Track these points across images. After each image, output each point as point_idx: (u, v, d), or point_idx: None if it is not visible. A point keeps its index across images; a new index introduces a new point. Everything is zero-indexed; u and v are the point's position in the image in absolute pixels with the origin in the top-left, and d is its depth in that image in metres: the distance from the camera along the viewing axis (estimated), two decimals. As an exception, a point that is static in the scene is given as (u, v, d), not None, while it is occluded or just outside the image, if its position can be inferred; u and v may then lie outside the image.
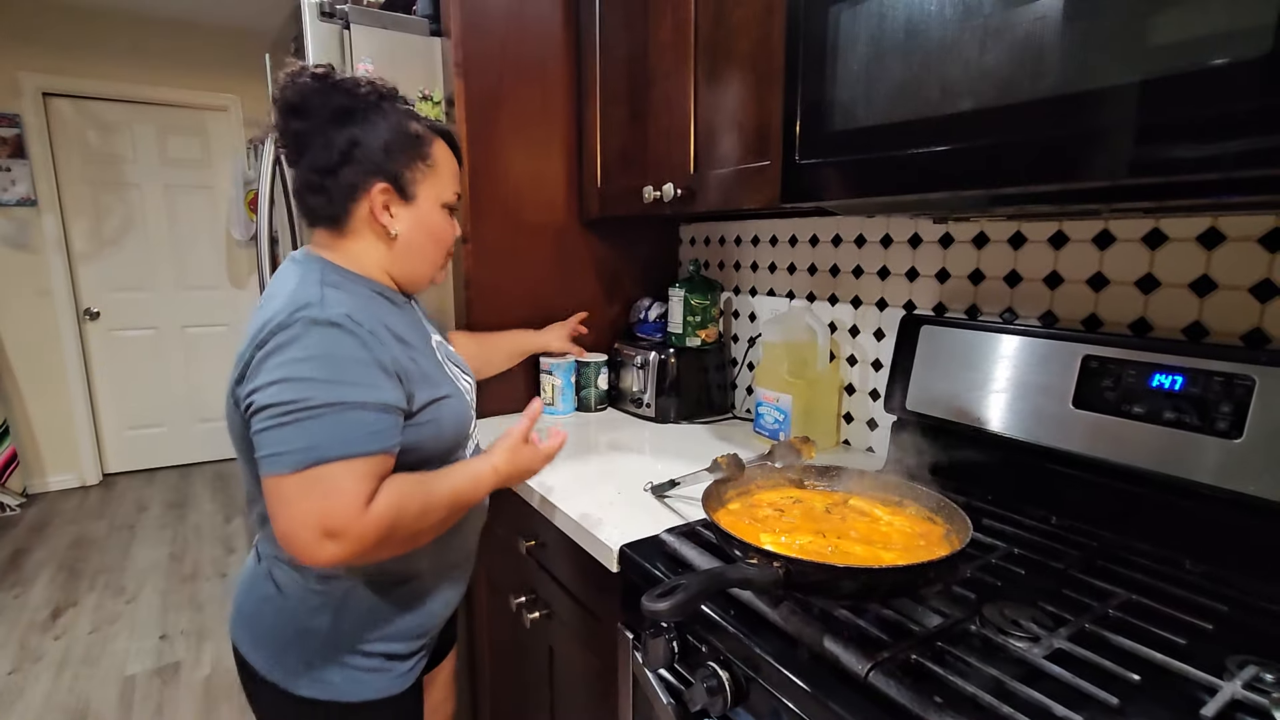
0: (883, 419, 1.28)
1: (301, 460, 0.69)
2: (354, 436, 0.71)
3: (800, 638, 0.68)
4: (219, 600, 2.54)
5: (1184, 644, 0.64)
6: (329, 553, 0.70)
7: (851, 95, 0.83)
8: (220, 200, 3.90)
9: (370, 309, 0.81)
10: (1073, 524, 0.89)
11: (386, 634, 0.88)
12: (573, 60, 1.56)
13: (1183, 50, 0.55)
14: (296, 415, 0.70)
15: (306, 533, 0.69)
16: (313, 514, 0.69)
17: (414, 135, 0.86)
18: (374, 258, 0.87)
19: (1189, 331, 0.86)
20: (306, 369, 0.71)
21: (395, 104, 0.86)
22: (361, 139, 0.82)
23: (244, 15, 3.57)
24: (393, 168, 0.84)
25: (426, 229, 0.88)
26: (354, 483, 0.71)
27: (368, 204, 0.83)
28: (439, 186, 0.88)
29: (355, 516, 0.70)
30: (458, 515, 0.86)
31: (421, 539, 0.81)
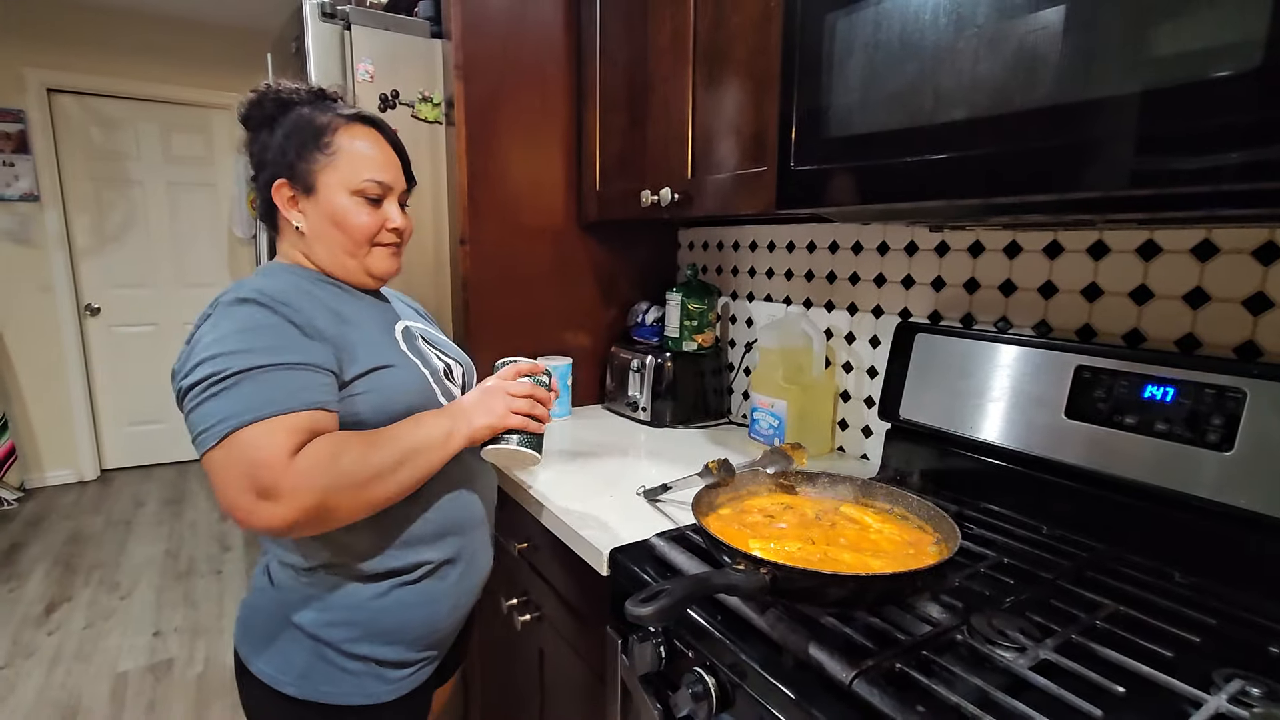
0: (877, 426, 1.28)
1: (222, 430, 0.70)
2: (271, 397, 0.71)
3: (786, 644, 0.68)
4: (214, 598, 2.53)
5: (1170, 656, 0.64)
6: (270, 512, 0.69)
7: (847, 102, 0.83)
8: (222, 198, 3.91)
9: (302, 288, 0.83)
10: (1064, 534, 0.89)
11: (372, 635, 0.85)
12: (573, 64, 1.56)
13: (1177, 63, 0.55)
14: (213, 389, 0.71)
15: (241, 497, 0.69)
16: (241, 477, 0.69)
17: (314, 127, 0.86)
18: (295, 249, 0.90)
19: (1182, 343, 0.86)
20: (221, 345, 0.73)
21: (307, 101, 0.89)
22: (268, 141, 0.87)
23: (248, 14, 3.59)
24: (289, 162, 0.86)
25: (329, 216, 0.86)
26: (275, 439, 0.70)
27: (276, 201, 0.87)
28: (342, 173, 0.86)
29: (281, 470, 0.69)
30: (418, 466, 0.80)
31: (377, 490, 0.76)
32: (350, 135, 0.87)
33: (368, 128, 0.89)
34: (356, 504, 0.76)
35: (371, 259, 0.90)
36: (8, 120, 3.35)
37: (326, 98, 0.91)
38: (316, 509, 0.71)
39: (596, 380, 1.72)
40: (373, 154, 0.88)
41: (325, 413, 0.76)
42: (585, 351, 1.69)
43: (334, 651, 0.84)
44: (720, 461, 0.99)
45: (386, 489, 0.78)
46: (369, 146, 0.88)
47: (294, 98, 0.89)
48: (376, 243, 0.89)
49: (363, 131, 0.89)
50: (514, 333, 1.59)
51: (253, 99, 0.88)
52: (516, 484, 1.17)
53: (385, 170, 0.89)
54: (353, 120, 0.88)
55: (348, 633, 0.84)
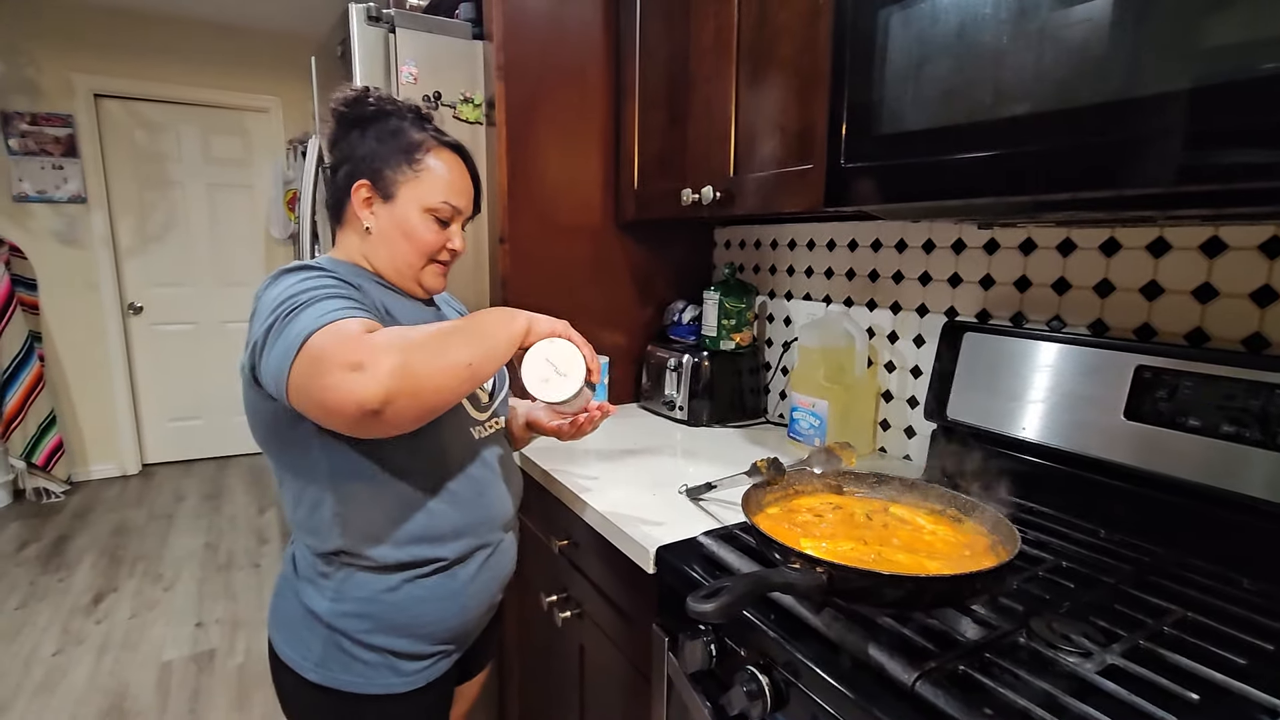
0: (920, 426, 1.27)
1: (293, 346, 0.70)
2: (332, 311, 0.72)
3: (843, 644, 0.68)
4: (253, 590, 2.59)
5: (1244, 664, 0.62)
6: (361, 383, 0.67)
7: (899, 99, 0.82)
8: (259, 199, 4.00)
9: (357, 277, 0.86)
10: (1123, 538, 0.87)
11: (384, 628, 0.87)
12: (612, 64, 1.57)
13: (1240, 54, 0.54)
14: (277, 327, 0.72)
15: (334, 378, 0.67)
16: (325, 362, 0.68)
17: (409, 141, 0.90)
18: (357, 247, 0.92)
19: (1249, 342, 0.83)
20: (280, 297, 0.75)
21: (406, 115, 0.93)
22: (358, 143, 0.91)
23: (286, 19, 3.66)
24: (376, 167, 0.90)
25: (399, 226, 0.90)
26: (346, 326, 0.71)
27: (353, 199, 0.90)
28: (422, 191, 0.90)
29: (359, 341, 0.69)
30: (485, 338, 0.79)
31: (454, 354, 0.74)
32: (438, 158, 0.91)
33: (454, 155, 0.94)
34: (437, 369, 0.73)
35: (425, 274, 0.94)
36: (57, 125, 3.46)
37: (423, 117, 0.96)
38: (401, 374, 0.69)
39: (632, 379, 1.73)
40: (453, 179, 0.92)
41: None
42: (621, 350, 1.69)
43: (348, 641, 0.87)
44: (770, 460, 0.99)
45: (461, 354, 0.75)
46: (451, 171, 0.92)
47: (393, 109, 0.93)
48: (434, 259, 0.94)
49: (449, 157, 0.93)
50: (551, 331, 1.60)
51: (353, 97, 0.92)
52: (558, 481, 1.18)
53: (460, 196, 0.93)
54: (444, 145, 0.93)
55: (360, 624, 0.87)
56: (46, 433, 3.46)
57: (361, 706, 0.88)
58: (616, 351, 1.68)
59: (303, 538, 0.89)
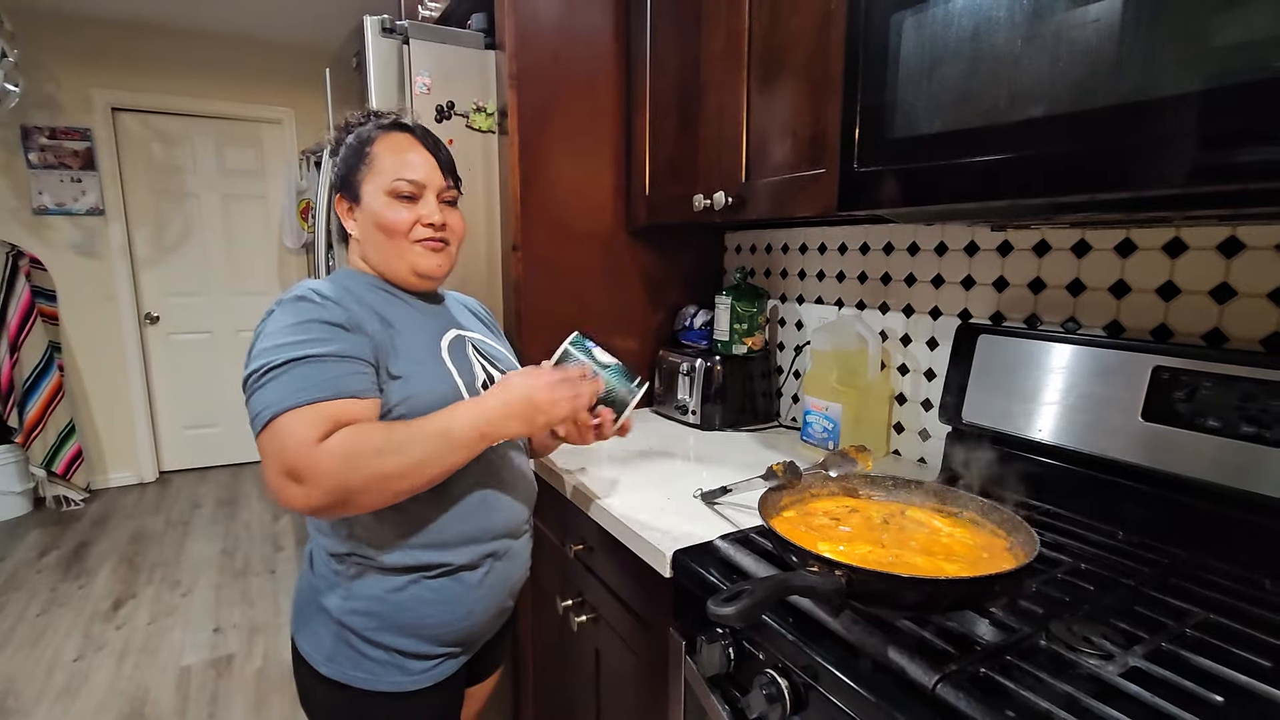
0: (935, 429, 1.26)
1: (265, 416, 0.77)
2: (304, 387, 0.77)
3: (863, 647, 0.68)
4: (269, 596, 2.61)
5: (1269, 666, 0.62)
6: (298, 494, 0.75)
7: (912, 102, 0.83)
8: (273, 209, 4.05)
9: (355, 291, 0.90)
10: (1142, 540, 0.86)
11: (391, 627, 0.89)
12: (622, 71, 1.58)
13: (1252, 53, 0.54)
14: (263, 379, 0.78)
15: (275, 478, 0.76)
16: (275, 460, 0.76)
17: (358, 141, 0.94)
18: (357, 253, 0.98)
19: (1267, 342, 0.83)
20: (272, 339, 0.81)
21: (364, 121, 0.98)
22: (334, 169, 0.98)
23: (299, 31, 3.71)
24: (342, 177, 0.95)
25: (372, 219, 0.93)
26: (304, 427, 0.76)
27: (339, 214, 0.97)
28: (376, 178, 0.92)
29: (305, 456, 0.74)
30: (443, 455, 0.81)
31: (400, 483, 0.78)
32: (385, 142, 0.94)
33: (401, 133, 0.95)
34: (379, 492, 0.78)
35: (413, 256, 0.93)
36: (75, 138, 3.52)
37: (378, 115, 0.99)
38: (337, 492, 0.76)
39: (645, 384, 1.73)
40: (403, 155, 0.93)
41: (358, 401, 0.80)
42: (633, 355, 1.70)
43: (356, 638, 0.89)
44: (786, 464, 0.99)
45: (410, 481, 0.80)
46: (400, 149, 0.94)
47: (356, 123, 0.99)
48: (414, 239, 0.93)
49: (397, 137, 0.94)
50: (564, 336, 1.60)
51: (335, 134, 1.02)
52: (572, 485, 1.18)
53: (416, 169, 0.93)
54: (388, 129, 0.95)
55: (368, 622, 0.89)
56: (66, 441, 3.50)
57: (371, 702, 0.90)
58: (629, 356, 1.68)
59: (317, 537, 0.93)
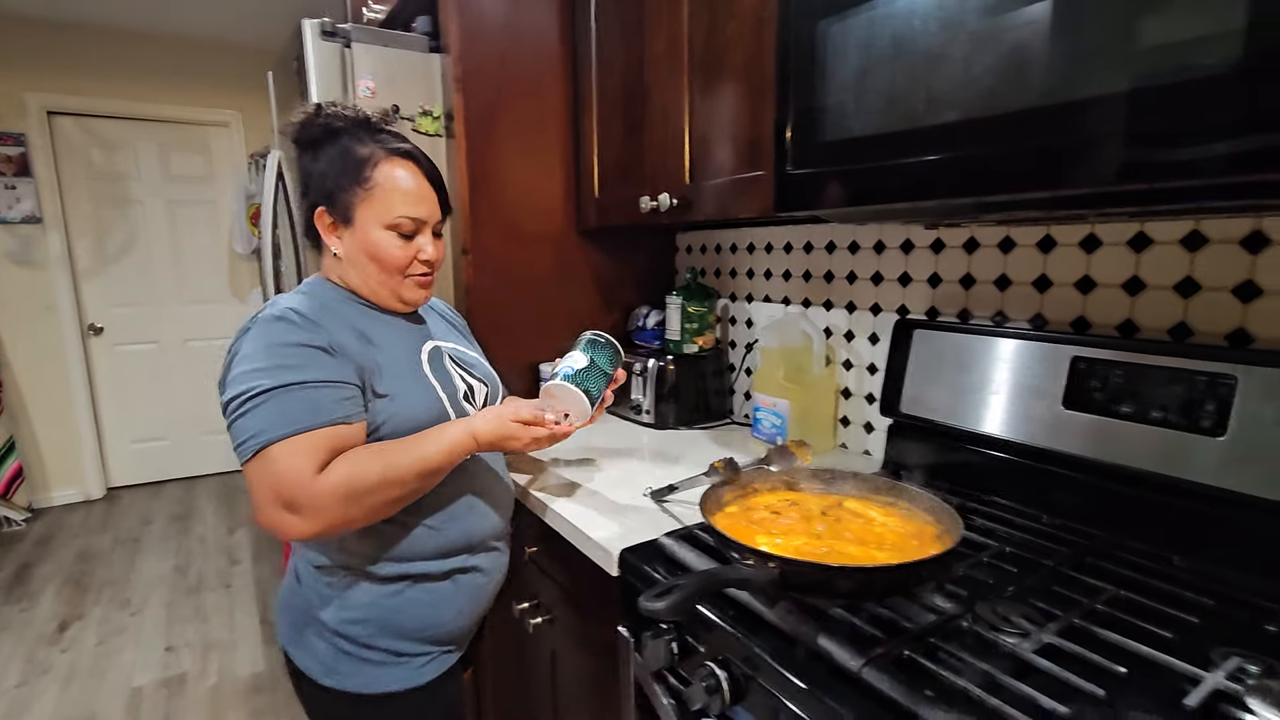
0: (879, 422, 1.30)
1: (254, 445, 0.77)
2: (296, 415, 0.78)
3: (796, 636, 0.70)
4: (224, 611, 2.55)
5: (1170, 637, 0.66)
6: (294, 523, 0.77)
7: (841, 106, 0.85)
8: (222, 215, 3.94)
9: (332, 308, 0.89)
10: (1064, 523, 0.91)
11: (386, 630, 0.91)
12: (569, 73, 1.58)
13: (1162, 59, 0.57)
14: (247, 405, 0.78)
15: (269, 508, 0.77)
16: (269, 490, 0.76)
17: (355, 159, 0.89)
18: (335, 268, 0.95)
19: (1174, 332, 0.88)
20: (253, 361, 0.79)
21: (353, 130, 0.92)
22: (312, 167, 0.92)
23: (244, 31, 3.62)
24: (329, 191, 0.90)
25: (364, 248, 0.90)
26: (300, 457, 0.77)
27: (318, 226, 0.92)
28: (377, 208, 0.89)
29: (305, 486, 0.76)
30: (430, 479, 0.87)
31: (394, 503, 0.84)
32: (388, 170, 0.90)
33: (406, 161, 0.92)
34: (374, 514, 0.84)
35: (403, 289, 0.94)
36: (9, 144, 3.38)
37: (372, 127, 0.94)
38: (337, 522, 0.79)
39: (600, 385, 1.74)
40: (408, 189, 0.91)
41: (347, 426, 0.82)
42: (588, 357, 1.71)
43: (353, 644, 0.90)
44: (725, 461, 1.01)
45: (404, 504, 0.86)
46: (405, 181, 0.91)
47: (341, 125, 0.92)
48: (408, 274, 0.93)
49: (401, 166, 0.91)
50: (516, 339, 1.61)
51: (302, 120, 0.92)
52: (526, 488, 1.19)
53: (419, 205, 0.92)
54: (392, 154, 0.91)
55: (365, 628, 0.90)
56: (5, 459, 3.36)
57: (377, 705, 0.92)
58: (584, 358, 1.69)
59: (303, 552, 0.94)
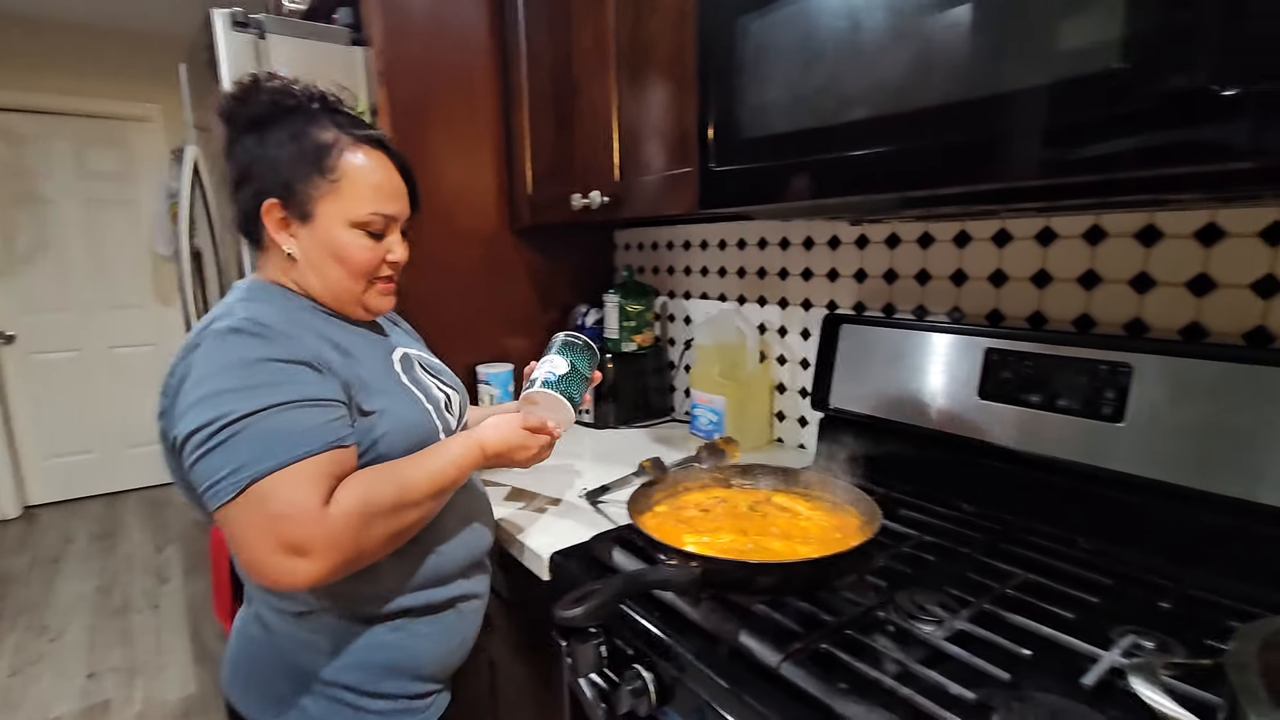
0: (813, 416, 1.32)
1: (237, 482, 0.63)
2: (286, 440, 0.65)
3: (719, 635, 0.70)
4: (151, 633, 2.42)
5: (1073, 618, 0.68)
6: (304, 571, 0.63)
7: (761, 103, 0.85)
8: (144, 215, 3.74)
9: (294, 316, 0.77)
10: (982, 510, 0.93)
11: (391, 672, 0.80)
12: (499, 68, 1.55)
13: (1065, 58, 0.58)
14: (218, 437, 0.64)
15: (270, 557, 0.63)
16: (267, 534, 0.63)
17: (317, 146, 0.77)
18: (283, 273, 0.81)
19: (1078, 323, 0.91)
20: (218, 382, 0.66)
21: (309, 109, 0.80)
22: (257, 152, 0.78)
23: (156, 21, 3.43)
24: (285, 181, 0.77)
25: (326, 249, 0.78)
26: (301, 489, 0.64)
27: (265, 222, 0.79)
28: (344, 203, 0.77)
29: (315, 523, 0.64)
30: (442, 499, 0.79)
31: (406, 534, 0.75)
32: (356, 160, 0.78)
33: (376, 150, 0.81)
34: (387, 545, 0.73)
35: (369, 296, 0.83)
36: (-102, 139, 3.13)
37: (331, 107, 0.81)
38: (351, 558, 0.67)
39: (540, 385, 1.72)
40: (380, 182, 0.80)
41: (344, 449, 0.70)
42: (526, 356, 1.67)
43: (353, 694, 0.79)
44: (653, 460, 1.01)
45: (416, 524, 0.76)
46: (376, 174, 0.80)
47: (294, 103, 0.79)
48: (375, 277, 0.82)
49: (371, 155, 0.80)
50: (451, 340, 1.56)
51: (235, 94, 0.78)
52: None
53: (392, 201, 0.81)
54: (360, 141, 0.79)
55: (365, 674, 0.79)
56: (-97, 480, 3.11)
57: None
58: (521, 358, 1.66)
59: (270, 598, 0.79)
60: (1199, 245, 0.80)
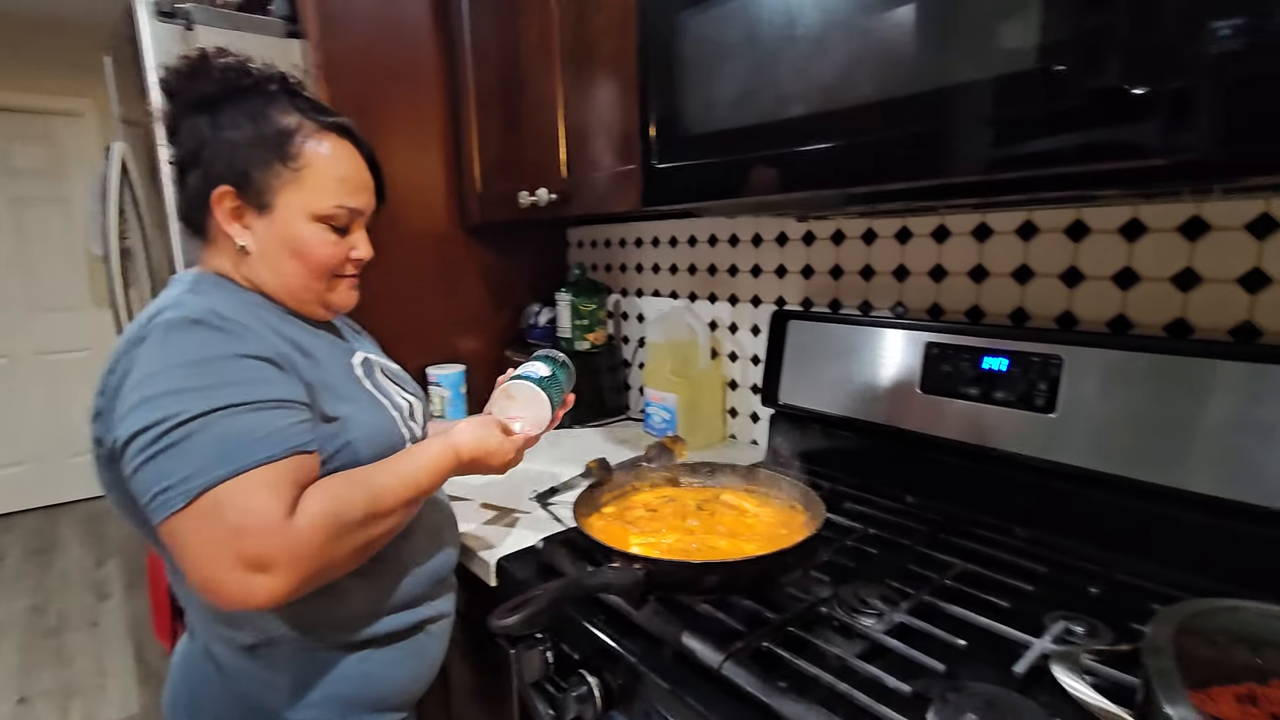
0: (764, 412, 1.32)
1: (188, 491, 0.56)
2: (244, 444, 0.58)
3: (663, 637, 0.69)
4: (89, 653, 2.31)
5: (1008, 606, 0.70)
6: (264, 588, 0.56)
7: (703, 99, 0.85)
8: (77, 213, 3.56)
9: (252, 311, 0.70)
10: (925, 502, 0.95)
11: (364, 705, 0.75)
12: (445, 63, 1.52)
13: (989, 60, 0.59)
14: (168, 438, 0.57)
15: (226, 575, 0.56)
16: (224, 548, 0.55)
17: (279, 130, 0.71)
18: (233, 268, 0.75)
19: (1014, 316, 0.93)
20: (168, 380, 0.59)
21: (268, 89, 0.74)
22: (208, 134, 0.71)
23: (81, 10, 3.25)
24: (240, 169, 0.70)
25: (286, 243, 0.72)
26: (262, 498, 0.57)
27: (215, 211, 0.72)
28: (306, 194, 0.72)
29: (277, 534, 0.57)
30: (413, 509, 0.73)
31: (375, 546, 0.69)
32: (321, 148, 0.73)
33: (342, 139, 0.76)
34: (354, 558, 0.67)
35: (332, 293, 0.78)
36: None
37: (292, 89, 0.76)
38: (315, 573, 0.60)
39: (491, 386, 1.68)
40: (346, 174, 0.75)
41: (307, 455, 0.64)
42: (479, 357, 1.65)
43: None
44: (599, 460, 1.00)
45: (384, 536, 0.70)
46: (343, 164, 0.75)
47: (250, 82, 0.73)
48: (337, 274, 0.77)
49: (336, 144, 0.75)
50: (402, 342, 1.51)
51: (182, 69, 0.72)
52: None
53: (358, 194, 0.76)
54: (325, 128, 0.74)
55: (331, 710, 0.73)
56: None
57: None
58: (474, 358, 1.63)
59: (219, 630, 0.72)
60: (1123, 240, 0.82)
